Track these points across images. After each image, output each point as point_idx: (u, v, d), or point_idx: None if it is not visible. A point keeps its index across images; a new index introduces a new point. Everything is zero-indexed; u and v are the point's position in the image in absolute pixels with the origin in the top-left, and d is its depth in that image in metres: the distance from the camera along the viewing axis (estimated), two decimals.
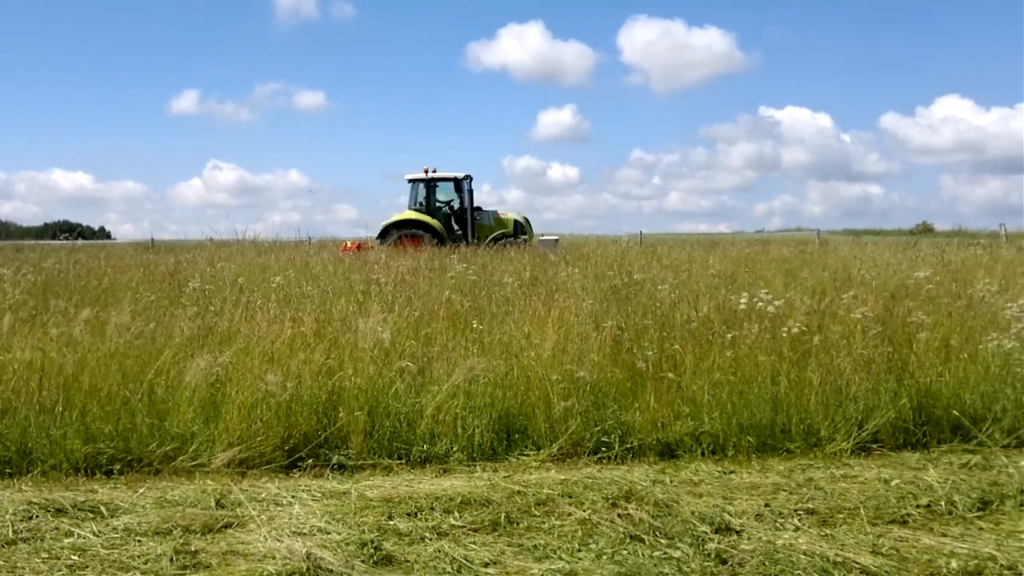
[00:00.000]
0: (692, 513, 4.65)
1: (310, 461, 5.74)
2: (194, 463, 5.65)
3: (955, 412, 6.31)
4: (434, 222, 24.61)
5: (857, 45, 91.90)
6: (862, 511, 4.69)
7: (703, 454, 6.03)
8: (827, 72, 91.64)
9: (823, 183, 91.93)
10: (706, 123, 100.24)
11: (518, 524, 4.54)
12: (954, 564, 4.00)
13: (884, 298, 8.61)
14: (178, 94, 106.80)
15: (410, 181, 25.96)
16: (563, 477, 5.37)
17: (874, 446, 6.16)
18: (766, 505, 4.84)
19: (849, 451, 6.02)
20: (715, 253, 14.23)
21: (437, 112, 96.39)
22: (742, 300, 7.85)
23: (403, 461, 5.80)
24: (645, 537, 4.33)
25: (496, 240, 23.46)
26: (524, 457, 5.92)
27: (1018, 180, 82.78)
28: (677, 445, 6.10)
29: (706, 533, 4.40)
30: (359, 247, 22.51)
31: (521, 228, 25.88)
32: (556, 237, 27.43)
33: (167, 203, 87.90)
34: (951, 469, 5.53)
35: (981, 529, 4.49)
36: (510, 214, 26.21)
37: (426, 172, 25.57)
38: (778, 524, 4.55)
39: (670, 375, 6.59)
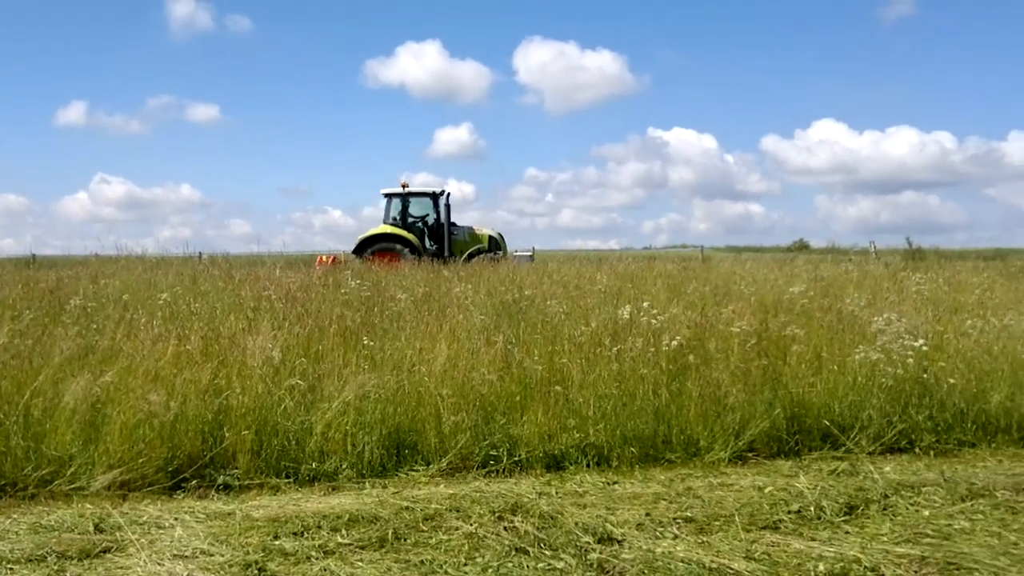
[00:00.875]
0: (576, 524, 4.69)
1: (195, 482, 5.59)
2: (72, 486, 5.44)
3: (825, 421, 6.53)
4: (411, 236, 24.31)
5: (740, 70, 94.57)
6: (737, 518, 4.81)
7: (588, 465, 6.10)
8: (712, 95, 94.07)
9: (708, 201, 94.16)
10: (597, 143, 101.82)
11: (405, 540, 4.52)
12: (822, 567, 4.14)
13: (761, 312, 8.86)
14: (65, 105, 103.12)
15: (385, 195, 25.58)
16: (452, 491, 5.36)
17: (750, 455, 6.33)
18: (647, 514, 4.93)
19: (727, 460, 6.18)
20: (603, 269, 14.45)
21: (334, 128, 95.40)
22: (626, 314, 7.99)
23: (291, 480, 5.70)
24: (530, 549, 4.36)
25: (473, 255, 23.35)
26: (414, 472, 5.89)
27: (888, 200, 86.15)
28: (564, 457, 6.16)
29: (589, 543, 4.45)
30: (335, 261, 22.06)
31: (496, 243, 25.66)
32: (530, 252, 27.23)
33: (51, 217, 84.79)
34: (821, 476, 5.72)
35: (847, 533, 4.65)
36: (484, 230, 25.99)
37: (404, 186, 25.28)
38: (658, 533, 4.64)
39: (558, 388, 6.65)
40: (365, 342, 7.34)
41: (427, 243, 24.81)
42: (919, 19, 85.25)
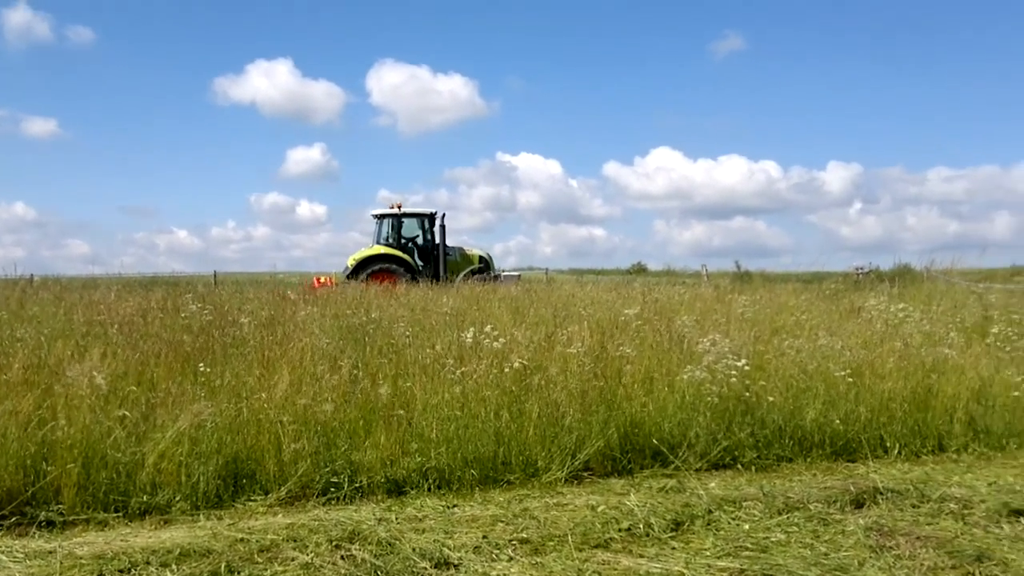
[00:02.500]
0: (413, 550, 4.60)
1: (14, 519, 5.20)
2: None
3: (655, 440, 6.66)
4: (406, 257, 23.90)
5: (583, 98, 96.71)
6: (570, 538, 4.82)
7: (430, 489, 6.01)
8: (558, 122, 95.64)
9: (553, 225, 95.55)
10: (449, 166, 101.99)
11: (239, 573, 4.33)
12: None
13: (598, 334, 8.99)
14: None
15: (377, 217, 25.11)
16: (290, 521, 5.18)
17: (586, 474, 6.39)
18: (484, 537, 4.89)
19: (563, 480, 6.21)
20: (448, 291, 14.43)
21: (181, 145, 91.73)
22: (468, 337, 7.97)
23: (121, 514, 5.37)
24: None
25: (467, 276, 22.81)
26: (251, 503, 5.67)
27: (720, 225, 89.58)
28: (405, 481, 6.05)
29: (425, 569, 4.38)
30: (332, 283, 21.31)
31: (486, 263, 25.34)
32: (519, 273, 26.93)
33: None
34: (650, 493, 5.81)
35: (674, 549, 4.73)
36: (474, 250, 25.61)
37: (398, 208, 24.84)
38: (494, 555, 4.60)
39: (401, 412, 6.55)
40: (202, 368, 7.05)
41: (418, 263, 24.51)
42: (748, 54, 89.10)
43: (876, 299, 12.90)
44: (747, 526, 5.08)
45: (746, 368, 7.44)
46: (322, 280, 22.79)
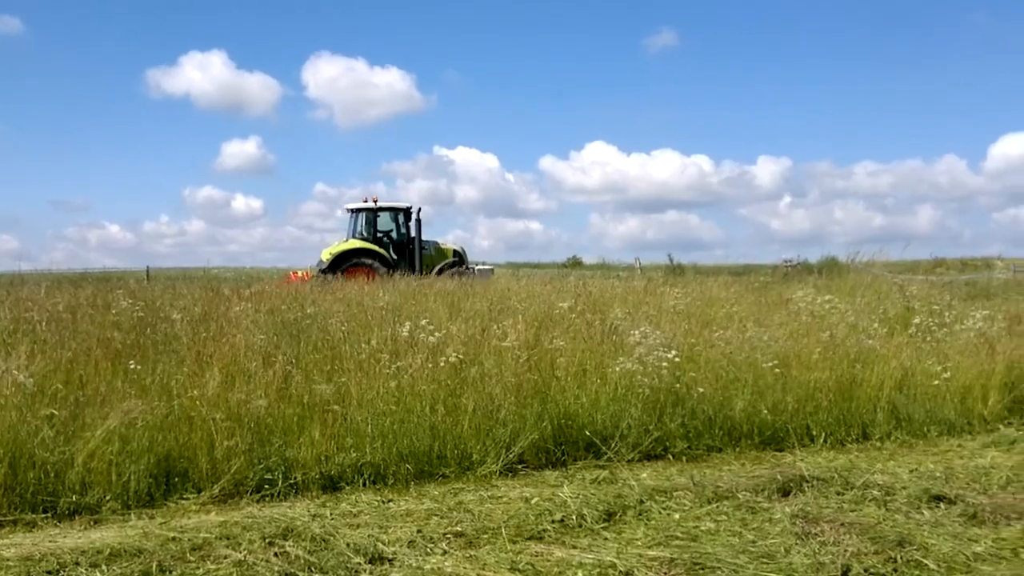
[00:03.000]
0: (348, 545, 4.57)
1: None
2: None
3: (588, 432, 6.71)
4: (382, 251, 23.74)
5: (519, 92, 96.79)
6: (504, 530, 4.84)
7: (365, 484, 5.99)
8: (494, 116, 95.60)
9: (491, 219, 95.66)
10: (387, 159, 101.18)
11: (170, 572, 4.25)
12: (580, 574, 4.22)
13: (533, 327, 9.02)
14: None
15: (352, 211, 24.88)
16: (222, 519, 5.10)
17: (520, 466, 6.41)
18: (419, 531, 4.87)
19: (498, 473, 6.23)
20: (385, 286, 14.35)
21: (114, 138, 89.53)
22: (404, 331, 7.92)
23: (49, 515, 5.24)
24: (300, 574, 4.21)
25: (443, 269, 22.89)
26: (184, 501, 5.58)
27: (653, 218, 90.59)
28: (340, 477, 6.02)
29: (360, 564, 4.35)
30: (309, 277, 21.11)
31: (460, 257, 25.25)
32: (491, 267, 26.73)
33: None
34: (583, 484, 5.85)
35: (606, 539, 4.77)
36: (449, 244, 25.57)
37: (375, 201, 24.67)
38: (428, 549, 4.59)
39: (336, 408, 6.49)
40: (133, 366, 6.90)
41: (392, 257, 24.38)
42: (681, 50, 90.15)
43: (803, 291, 13.14)
44: (678, 516, 5.14)
45: (677, 360, 7.52)
46: (299, 274, 22.79)
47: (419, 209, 24.82)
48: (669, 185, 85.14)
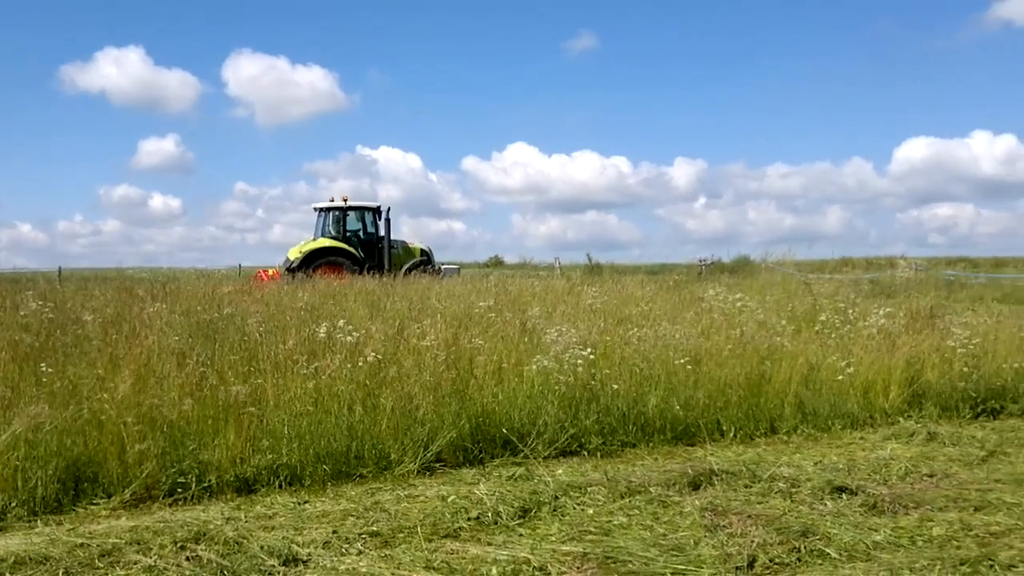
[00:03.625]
0: (262, 548, 4.49)
1: None
2: None
3: (505, 429, 6.72)
4: (352, 250, 23.63)
5: (441, 93, 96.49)
6: (420, 529, 4.82)
7: (281, 486, 5.90)
8: (417, 116, 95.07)
9: (414, 219, 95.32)
10: (309, 159, 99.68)
11: None
12: (495, 571, 4.23)
13: (453, 326, 9.00)
14: None
15: (321, 210, 24.75)
16: (133, 524, 4.96)
17: (438, 465, 6.39)
18: (334, 532, 4.82)
19: (416, 472, 6.20)
20: (304, 286, 14.18)
21: (25, 135, 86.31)
22: (321, 331, 7.83)
23: None
24: None
25: (412, 268, 22.90)
26: (93, 506, 5.42)
27: (573, 219, 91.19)
28: (256, 479, 5.91)
29: (274, 567, 4.29)
30: (278, 275, 21.06)
31: (428, 257, 25.22)
32: (457, 267, 26.83)
33: None
34: (500, 482, 5.86)
35: (521, 535, 4.79)
36: (416, 243, 25.55)
37: (344, 201, 24.52)
38: (343, 550, 4.55)
39: (252, 409, 6.38)
40: (43, 368, 6.68)
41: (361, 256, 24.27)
42: (600, 52, 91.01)
43: (715, 290, 13.39)
44: (591, 511, 5.19)
45: (592, 357, 7.60)
46: (270, 273, 22.72)
47: (388, 209, 24.98)
48: (589, 186, 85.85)
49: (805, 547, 4.54)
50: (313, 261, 23.34)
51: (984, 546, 4.59)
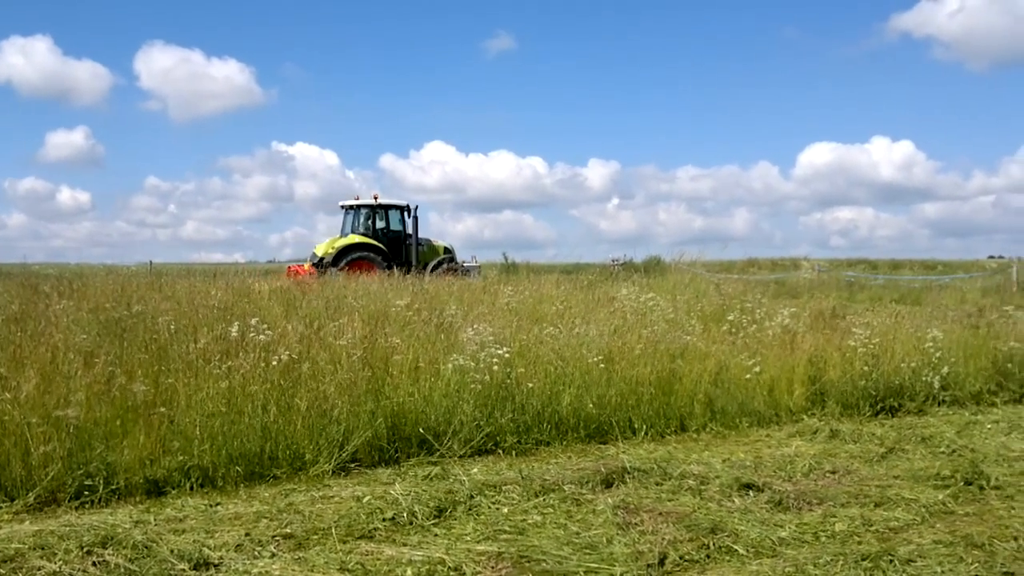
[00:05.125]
0: (172, 551, 4.37)
1: None
2: None
3: (421, 428, 6.68)
4: (382, 247, 23.61)
5: (359, 89, 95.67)
6: (335, 530, 4.75)
7: (192, 488, 5.75)
8: (335, 112, 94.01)
9: (331, 217, 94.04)
10: (224, 154, 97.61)
11: None
12: (410, 572, 4.20)
13: (369, 325, 8.90)
14: None
15: (349, 207, 24.79)
16: (37, 528, 4.76)
17: (353, 465, 6.32)
18: (247, 534, 4.72)
19: (331, 472, 6.12)
20: (217, 284, 13.85)
21: None
22: (233, 330, 7.65)
23: None
24: None
25: (437, 266, 23.53)
26: None
27: (490, 218, 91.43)
28: (166, 481, 5.76)
29: (184, 571, 4.18)
30: (313, 271, 20.94)
31: (451, 254, 25.24)
32: (479, 264, 26.64)
33: None
34: (416, 481, 5.82)
35: (436, 535, 4.76)
36: (440, 241, 25.67)
37: (375, 198, 24.56)
38: (256, 553, 4.45)
39: (162, 410, 6.21)
40: None
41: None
42: (517, 53, 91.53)
43: (628, 289, 13.54)
44: (506, 509, 5.19)
45: (508, 356, 7.60)
46: (306, 268, 22.76)
47: (416, 207, 25.08)
48: (505, 186, 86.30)
49: (714, 544, 4.62)
50: (344, 257, 23.38)
51: (884, 541, 4.73)
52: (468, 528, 4.86)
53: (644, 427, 7.57)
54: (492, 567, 4.29)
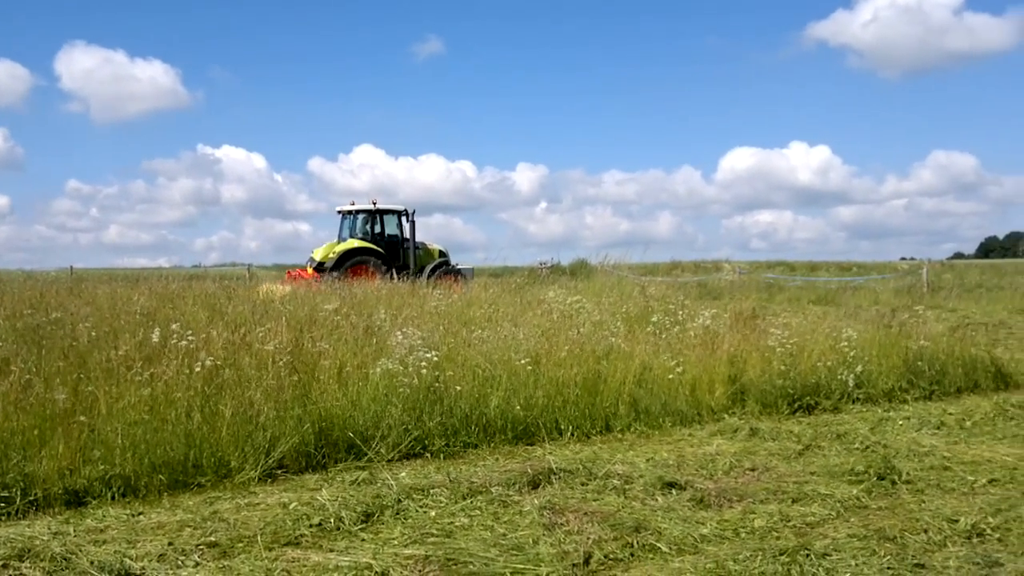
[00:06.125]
0: (92, 563, 4.26)
1: None
2: None
3: (350, 433, 6.62)
4: (381, 251, 23.40)
5: (288, 92, 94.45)
6: (260, 538, 4.69)
7: (114, 498, 5.60)
8: (263, 115, 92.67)
9: (259, 220, 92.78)
10: (148, 157, 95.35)
11: None
12: None
13: (296, 330, 8.79)
14: None
15: (347, 213, 24.51)
16: None
17: (280, 472, 6.22)
18: (170, 543, 4.62)
19: (257, 479, 6.02)
20: (140, 289, 13.52)
21: None
22: (155, 336, 7.48)
23: None
24: None
25: (434, 270, 23.65)
26: None
27: (420, 222, 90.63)
28: (87, 491, 5.60)
29: None
30: (317, 275, 20.96)
31: (445, 257, 25.14)
32: (472, 267, 26.36)
33: None
34: (343, 487, 5.76)
35: (363, 540, 4.73)
36: (434, 245, 25.44)
37: (374, 204, 24.77)
38: (179, 562, 4.37)
39: (82, 418, 6.04)
40: None
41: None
42: (447, 58, 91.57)
43: (555, 292, 13.63)
44: (434, 513, 5.17)
45: (436, 359, 7.58)
46: (309, 272, 22.82)
47: (413, 212, 24.98)
48: (435, 189, 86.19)
49: (638, 542, 4.68)
50: (346, 261, 23.27)
51: (801, 536, 4.85)
52: (395, 532, 4.84)
53: (570, 428, 7.61)
54: (419, 571, 4.27)
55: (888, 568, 4.36)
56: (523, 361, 8.09)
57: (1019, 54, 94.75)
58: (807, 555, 4.46)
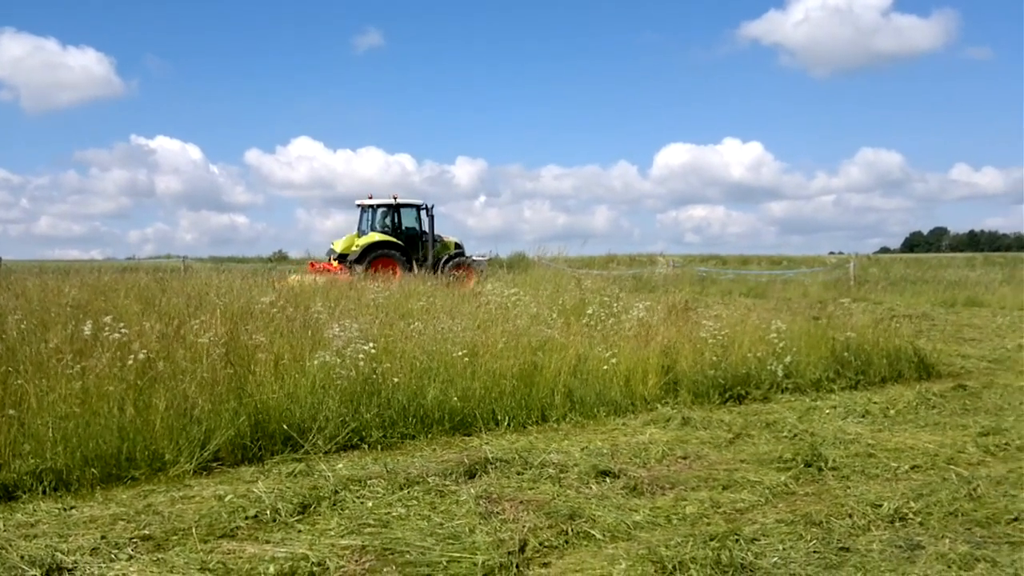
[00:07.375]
0: (22, 558, 4.18)
1: None
2: None
3: (286, 425, 6.58)
4: (403, 244, 23.29)
5: (224, 82, 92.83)
6: (195, 530, 4.64)
7: (45, 492, 5.48)
8: (198, 105, 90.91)
9: (194, 212, 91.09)
10: (80, 147, 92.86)
11: None
12: (272, 569, 4.13)
13: (231, 322, 8.68)
14: None
15: (367, 206, 24.26)
16: None
17: (215, 464, 6.16)
18: (103, 537, 4.56)
19: (192, 472, 5.95)
20: (72, 281, 13.21)
21: None
22: (86, 329, 7.33)
23: None
24: None
25: (448, 261, 23.78)
26: None
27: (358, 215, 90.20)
28: (17, 486, 5.47)
29: None
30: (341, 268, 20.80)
31: (460, 249, 24.94)
32: (486, 258, 25.99)
33: None
34: (279, 479, 5.74)
35: (300, 532, 4.71)
36: (450, 237, 25.25)
37: (394, 198, 24.66)
38: (112, 556, 4.31)
39: (11, 412, 5.90)
40: None
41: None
42: (387, 51, 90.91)
43: (492, 284, 13.67)
44: (371, 503, 5.18)
45: (373, 351, 7.56)
46: (335, 265, 22.65)
47: (432, 206, 24.89)
48: (374, 182, 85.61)
49: (572, 529, 4.74)
50: (369, 255, 23.14)
51: (731, 522, 4.97)
52: (332, 523, 4.83)
53: (507, 418, 7.67)
54: (356, 561, 4.28)
55: (814, 552, 4.49)
56: (460, 353, 8.11)
57: (945, 55, 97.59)
58: (736, 540, 4.57)
